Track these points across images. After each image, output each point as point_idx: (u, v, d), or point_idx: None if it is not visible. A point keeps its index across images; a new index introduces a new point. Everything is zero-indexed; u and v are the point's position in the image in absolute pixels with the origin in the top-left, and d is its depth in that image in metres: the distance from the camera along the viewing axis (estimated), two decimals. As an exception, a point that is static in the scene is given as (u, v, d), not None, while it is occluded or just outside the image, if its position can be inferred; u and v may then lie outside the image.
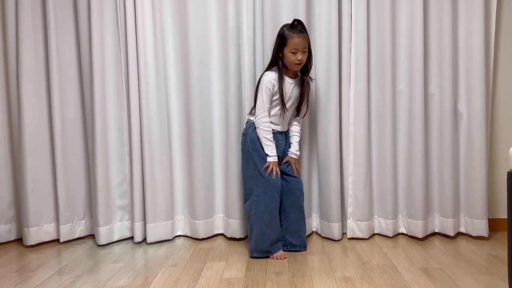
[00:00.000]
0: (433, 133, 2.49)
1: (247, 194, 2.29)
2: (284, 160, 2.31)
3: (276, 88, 2.20)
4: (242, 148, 2.34)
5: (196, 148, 2.51)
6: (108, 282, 1.96)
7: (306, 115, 2.39)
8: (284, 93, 2.21)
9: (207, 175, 2.54)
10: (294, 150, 2.33)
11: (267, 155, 2.21)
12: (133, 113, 2.45)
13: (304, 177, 2.50)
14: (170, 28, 2.52)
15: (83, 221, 2.62)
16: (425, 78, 2.43)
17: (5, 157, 2.57)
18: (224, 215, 2.58)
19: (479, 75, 2.39)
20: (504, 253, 2.24)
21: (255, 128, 2.24)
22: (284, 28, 2.18)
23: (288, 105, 2.25)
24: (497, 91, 2.56)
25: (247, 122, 2.33)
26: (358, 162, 2.47)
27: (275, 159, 2.22)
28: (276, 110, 2.24)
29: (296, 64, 2.17)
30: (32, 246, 2.51)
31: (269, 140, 2.21)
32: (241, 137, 2.38)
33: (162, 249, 2.42)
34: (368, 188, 2.50)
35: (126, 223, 2.60)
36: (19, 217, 2.57)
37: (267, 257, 2.24)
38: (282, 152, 2.31)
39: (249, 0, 2.44)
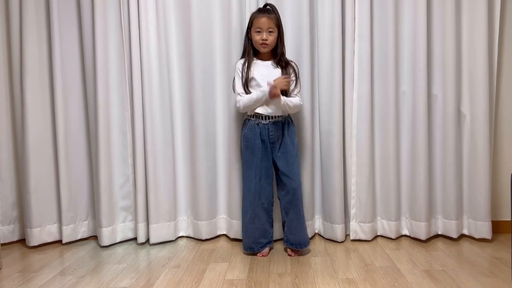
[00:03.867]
0: (436, 135, 2.49)
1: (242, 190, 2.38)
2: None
3: (245, 72, 2.22)
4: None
5: (199, 149, 2.51)
6: (111, 283, 1.96)
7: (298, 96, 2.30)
8: (251, 76, 2.21)
9: (210, 176, 2.55)
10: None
11: (261, 92, 2.15)
12: (137, 114, 2.45)
13: (307, 179, 2.50)
14: (174, 29, 2.52)
15: (86, 222, 2.63)
16: (428, 80, 2.43)
17: (9, 158, 2.58)
18: (227, 216, 2.59)
19: (482, 76, 2.39)
20: (508, 255, 2.23)
21: (247, 123, 2.27)
22: (253, 12, 2.25)
23: (254, 86, 2.22)
24: (500, 93, 2.56)
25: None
26: (361, 163, 2.47)
27: (266, 88, 2.14)
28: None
29: (261, 44, 2.19)
30: (35, 246, 2.52)
31: (252, 94, 2.18)
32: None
33: (165, 250, 2.42)
34: (371, 190, 2.50)
35: (129, 224, 2.60)
36: (22, 218, 2.58)
37: (254, 254, 2.31)
38: (276, 139, 2.25)
39: (252, 2, 2.44)
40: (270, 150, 2.26)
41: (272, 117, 2.23)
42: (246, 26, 2.28)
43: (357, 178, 2.49)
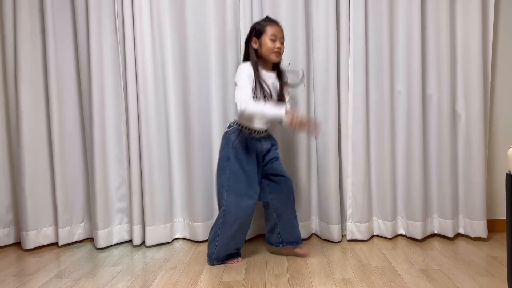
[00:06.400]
0: (431, 134, 2.49)
1: (219, 200, 2.19)
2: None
3: (252, 78, 2.07)
4: (220, 152, 2.21)
5: (194, 150, 2.51)
6: (107, 286, 1.95)
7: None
8: (265, 85, 2.10)
9: (206, 177, 2.54)
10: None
11: (276, 115, 2.00)
12: (131, 117, 2.45)
13: (303, 179, 2.50)
14: (168, 31, 2.52)
15: (82, 224, 2.62)
16: (423, 80, 2.44)
17: (4, 160, 2.57)
18: (223, 218, 2.58)
19: (477, 76, 2.40)
20: (504, 254, 2.24)
21: (238, 134, 2.15)
22: (258, 21, 2.17)
23: (273, 97, 2.16)
24: (495, 92, 2.57)
25: (229, 126, 2.22)
26: (357, 163, 2.48)
27: (283, 114, 1.99)
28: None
29: (275, 52, 2.10)
30: (30, 249, 2.51)
31: (265, 106, 2.01)
32: (221, 140, 2.25)
33: (161, 252, 2.42)
34: (367, 190, 2.50)
35: (125, 226, 2.60)
36: (18, 221, 2.57)
37: (224, 263, 2.21)
38: (266, 152, 2.22)
39: (247, 2, 2.44)
40: (261, 162, 2.21)
41: (264, 131, 2.22)
42: (249, 33, 2.17)
43: (353, 178, 2.50)
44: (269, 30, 2.11)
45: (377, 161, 2.52)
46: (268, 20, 2.16)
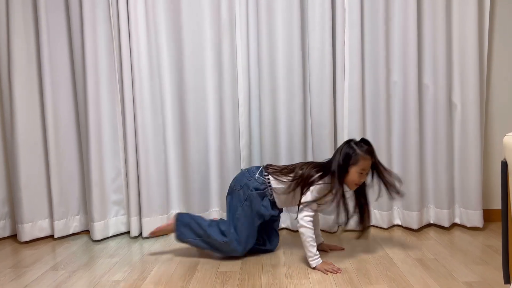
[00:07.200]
0: (427, 125, 2.49)
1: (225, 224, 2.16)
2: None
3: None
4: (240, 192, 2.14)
5: (190, 141, 2.50)
6: (103, 277, 1.95)
7: None
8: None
9: (202, 168, 2.54)
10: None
11: (312, 256, 1.99)
12: (127, 108, 2.43)
13: (299, 170, 2.50)
14: (163, 22, 2.50)
15: (78, 216, 2.61)
16: (419, 70, 2.43)
17: (-2, 153, 2.56)
18: (220, 209, 2.58)
19: (473, 65, 2.39)
20: (499, 243, 2.25)
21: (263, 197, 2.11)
22: (355, 146, 1.99)
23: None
24: (491, 82, 2.57)
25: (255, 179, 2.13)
26: (353, 154, 2.48)
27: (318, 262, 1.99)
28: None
29: (356, 185, 2.03)
30: (26, 242, 2.50)
31: (314, 241, 2.00)
32: (242, 187, 2.14)
33: (158, 243, 2.42)
34: (363, 180, 2.50)
35: (121, 218, 2.59)
36: (13, 214, 2.56)
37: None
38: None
39: (242, -8, 2.43)
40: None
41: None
42: (343, 154, 1.99)
43: (349, 169, 2.50)
44: (361, 164, 1.98)
45: (373, 152, 2.52)
46: (364, 152, 1.99)
